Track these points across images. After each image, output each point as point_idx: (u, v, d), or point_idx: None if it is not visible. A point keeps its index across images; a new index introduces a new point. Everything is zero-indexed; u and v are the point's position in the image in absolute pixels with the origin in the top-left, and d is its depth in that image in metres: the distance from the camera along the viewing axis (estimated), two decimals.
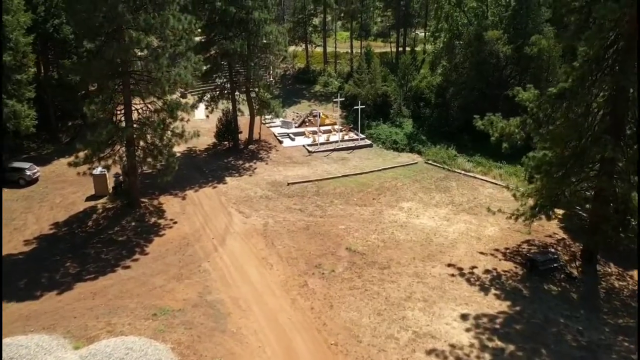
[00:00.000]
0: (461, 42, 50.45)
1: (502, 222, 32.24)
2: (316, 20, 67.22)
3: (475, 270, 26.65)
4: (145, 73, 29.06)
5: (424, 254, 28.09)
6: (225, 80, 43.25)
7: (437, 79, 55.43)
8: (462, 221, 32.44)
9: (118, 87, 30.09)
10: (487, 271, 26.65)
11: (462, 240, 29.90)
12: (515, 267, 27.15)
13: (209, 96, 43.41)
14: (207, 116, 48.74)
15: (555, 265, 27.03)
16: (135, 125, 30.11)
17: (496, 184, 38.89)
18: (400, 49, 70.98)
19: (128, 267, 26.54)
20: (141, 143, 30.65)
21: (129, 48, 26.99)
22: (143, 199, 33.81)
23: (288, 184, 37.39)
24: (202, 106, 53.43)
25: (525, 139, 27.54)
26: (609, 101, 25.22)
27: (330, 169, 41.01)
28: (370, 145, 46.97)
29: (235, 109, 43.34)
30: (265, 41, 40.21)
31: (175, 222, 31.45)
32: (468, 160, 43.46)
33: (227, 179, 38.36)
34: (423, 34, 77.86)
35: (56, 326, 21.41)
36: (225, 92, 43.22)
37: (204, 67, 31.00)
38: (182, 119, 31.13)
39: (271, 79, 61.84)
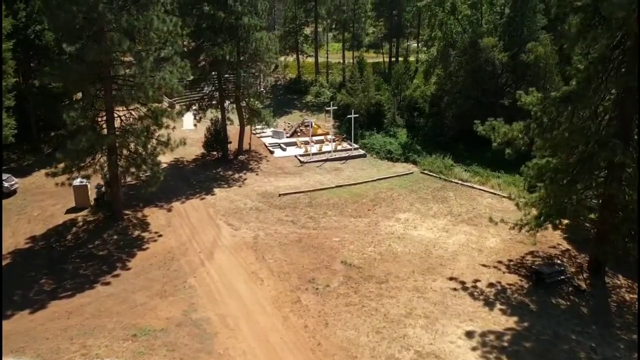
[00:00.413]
0: (456, 50, 49.47)
1: (503, 233, 30.88)
2: (307, 30, 66.15)
3: (478, 284, 25.14)
4: (129, 77, 27.53)
5: (424, 267, 26.56)
6: (214, 88, 41.76)
7: (431, 88, 54.45)
8: (461, 232, 31.00)
9: (99, 93, 28.51)
10: (491, 285, 25.15)
11: (463, 252, 28.42)
12: (520, 280, 25.67)
13: (197, 105, 41.84)
14: (195, 125, 47.35)
15: (562, 277, 25.59)
16: (117, 133, 28.48)
17: (495, 193, 37.61)
18: (393, 59, 70.08)
19: (108, 283, 24.75)
20: (124, 152, 29.01)
21: (110, 50, 25.48)
22: (126, 211, 32.08)
23: (279, 195, 35.86)
24: (190, 116, 52.32)
25: (528, 145, 26.16)
26: (617, 104, 24.04)
27: (323, 179, 39.54)
28: (364, 156, 45.63)
29: (224, 118, 41.84)
30: (254, 46, 38.80)
31: (160, 235, 29.73)
32: (465, 170, 42.18)
33: (216, 190, 36.74)
34: (416, 44, 77.31)
35: (26, 349, 19.59)
36: (214, 101, 41.71)
37: (191, 75, 29.46)
38: (167, 127, 29.54)
39: (262, 89, 60.86)
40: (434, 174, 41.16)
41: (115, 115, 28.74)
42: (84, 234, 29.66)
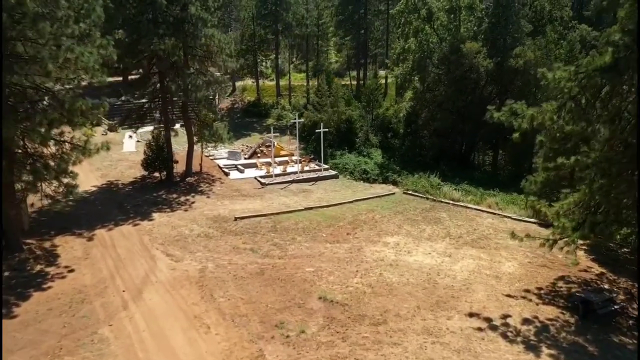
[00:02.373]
0: (434, 61, 44.33)
1: (519, 256, 24.56)
2: (267, 48, 60.25)
3: (509, 320, 18.36)
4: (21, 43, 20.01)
5: (431, 301, 19.66)
6: (157, 94, 34.46)
7: (406, 105, 48.99)
8: (468, 256, 24.44)
9: None
10: (526, 321, 18.41)
11: (477, 280, 21.75)
12: (562, 313, 19.07)
13: (134, 116, 34.58)
14: (138, 141, 40.08)
15: (614, 307, 19.17)
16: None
17: (494, 213, 31.48)
18: (361, 82, 64.92)
19: None
20: (18, 153, 21.38)
21: None
22: (29, 240, 24.14)
23: (235, 218, 28.61)
24: (131, 138, 44.88)
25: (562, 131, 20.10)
26: None
27: (289, 201, 32.58)
28: (335, 176, 39.08)
29: (168, 130, 34.59)
30: (204, 42, 32.24)
31: (71, 271, 21.88)
32: (455, 189, 36.05)
33: (155, 214, 29.17)
34: (383, 72, 72.60)
35: None
36: (156, 111, 34.58)
37: (114, 56, 22.38)
38: (83, 124, 22.25)
39: (217, 111, 54.16)
40: (419, 194, 34.89)
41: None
42: None
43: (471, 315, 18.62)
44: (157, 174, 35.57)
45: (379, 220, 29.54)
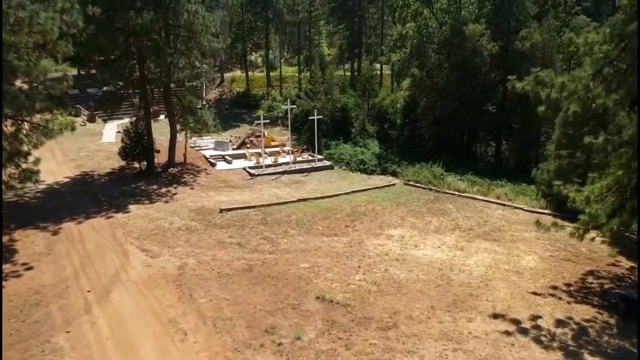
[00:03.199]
0: (434, 46, 41.68)
1: (538, 249, 21.97)
2: (257, 37, 57.21)
3: (540, 322, 15.69)
4: None
5: (447, 300, 16.95)
6: (135, 76, 31.41)
7: (404, 93, 46.35)
8: (482, 250, 21.78)
9: None
10: (559, 322, 15.74)
11: (496, 276, 19.08)
12: (599, 313, 16.44)
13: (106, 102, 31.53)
14: (119, 132, 37.09)
15: None
16: None
17: (504, 204, 28.89)
18: (355, 73, 62.19)
19: None
20: None
21: None
22: None
23: (221, 210, 25.77)
24: (111, 127, 41.93)
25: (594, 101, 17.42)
26: None
27: (280, 193, 29.78)
28: (330, 167, 36.31)
29: (148, 116, 31.63)
30: (187, 18, 29.31)
31: (29, 268, 18.93)
32: (460, 180, 33.41)
33: (132, 207, 26.24)
34: (378, 65, 69.79)
35: None
36: (133, 94, 31.58)
37: (81, 23, 19.48)
38: (44, 102, 19.31)
39: (204, 102, 51.25)
40: (422, 185, 32.25)
41: None
42: None
43: (495, 316, 15.92)
44: (136, 165, 32.63)
45: (379, 212, 26.83)
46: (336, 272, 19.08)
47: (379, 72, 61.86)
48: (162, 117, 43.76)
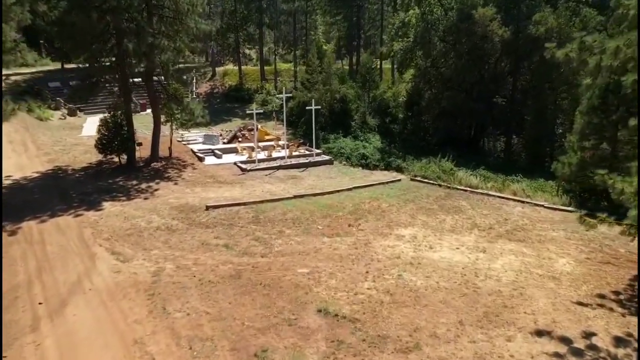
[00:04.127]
0: (439, 33, 38.79)
1: (572, 250, 19.10)
2: (251, 28, 53.98)
3: (595, 340, 12.72)
4: None
5: (477, 313, 13.95)
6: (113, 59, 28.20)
7: (407, 85, 43.46)
8: (507, 251, 18.84)
9: None
10: (618, 340, 12.78)
11: (529, 282, 16.11)
12: None
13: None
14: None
15: None
16: None
17: (523, 201, 26.01)
18: (354, 67, 59.21)
19: None
20: None
21: None
22: None
23: (207, 207, 22.73)
24: (93, 121, 38.76)
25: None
26: None
27: (275, 189, 26.77)
28: (330, 162, 33.34)
29: (129, 103, 28.51)
30: None
31: None
32: (471, 174, 30.48)
33: (106, 204, 23.15)
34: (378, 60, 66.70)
35: None
36: (112, 78, 28.47)
37: None
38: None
39: (195, 96, 48.20)
40: (431, 181, 29.35)
41: None
42: None
43: (539, 333, 12.94)
44: (115, 159, 29.53)
45: (386, 209, 23.86)
46: (340, 279, 16.06)
47: (378, 67, 58.98)
48: (149, 110, 40.76)
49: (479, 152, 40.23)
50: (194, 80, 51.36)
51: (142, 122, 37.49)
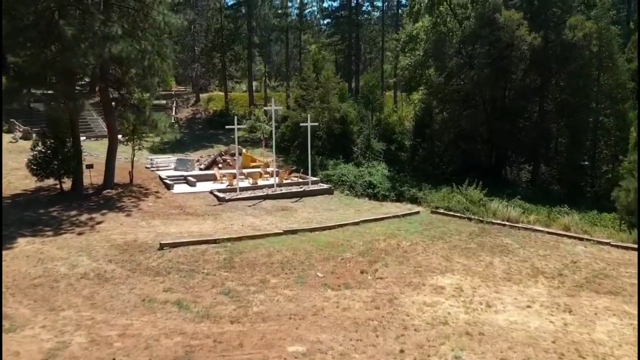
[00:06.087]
0: (455, 44, 33.42)
1: None
2: (239, 47, 48.42)
3: None
4: None
5: None
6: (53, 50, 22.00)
7: (416, 107, 37.92)
8: (603, 311, 12.54)
9: None
10: None
11: None
12: None
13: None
14: None
15: None
16: None
17: (581, 238, 19.82)
18: (354, 92, 53.92)
19: None
20: None
21: None
22: None
23: (161, 246, 16.27)
24: None
25: None
26: None
27: (260, 222, 20.44)
28: (329, 191, 27.18)
29: (74, 112, 22.21)
30: None
31: None
32: (506, 206, 24.26)
33: (22, 240, 16.67)
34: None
35: None
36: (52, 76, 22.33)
37: None
38: None
39: (173, 121, 42.28)
40: (457, 213, 23.13)
41: None
42: None
43: None
44: (56, 183, 23.17)
45: (409, 249, 17.55)
46: None
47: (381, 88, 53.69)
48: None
49: (501, 183, 34.21)
50: (174, 105, 45.57)
51: (104, 144, 31.35)
